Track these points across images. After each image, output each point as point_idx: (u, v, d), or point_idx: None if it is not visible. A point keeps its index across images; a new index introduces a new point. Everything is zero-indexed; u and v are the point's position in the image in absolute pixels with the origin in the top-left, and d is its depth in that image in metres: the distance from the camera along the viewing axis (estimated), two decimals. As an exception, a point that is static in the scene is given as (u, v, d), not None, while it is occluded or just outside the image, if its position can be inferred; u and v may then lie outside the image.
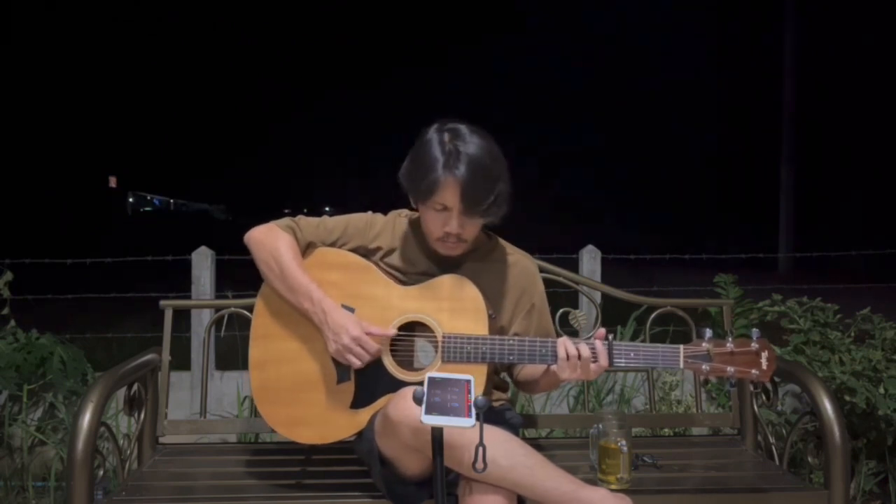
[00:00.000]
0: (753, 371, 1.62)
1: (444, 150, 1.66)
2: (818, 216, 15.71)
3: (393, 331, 1.71)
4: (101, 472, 1.80)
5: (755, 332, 1.65)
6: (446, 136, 1.68)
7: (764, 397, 2.10)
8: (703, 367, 1.63)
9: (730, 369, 1.62)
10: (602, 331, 1.65)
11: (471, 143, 1.67)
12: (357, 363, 1.69)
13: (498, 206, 1.70)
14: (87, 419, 1.69)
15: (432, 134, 1.71)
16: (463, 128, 1.71)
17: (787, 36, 14.51)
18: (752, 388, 2.14)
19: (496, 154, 1.71)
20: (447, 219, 1.70)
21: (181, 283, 3.46)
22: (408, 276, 1.83)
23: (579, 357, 1.61)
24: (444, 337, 1.69)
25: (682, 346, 1.65)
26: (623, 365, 1.65)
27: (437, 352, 1.71)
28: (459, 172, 1.64)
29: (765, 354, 1.63)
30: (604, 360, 1.62)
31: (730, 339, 1.65)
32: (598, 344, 1.63)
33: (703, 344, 1.64)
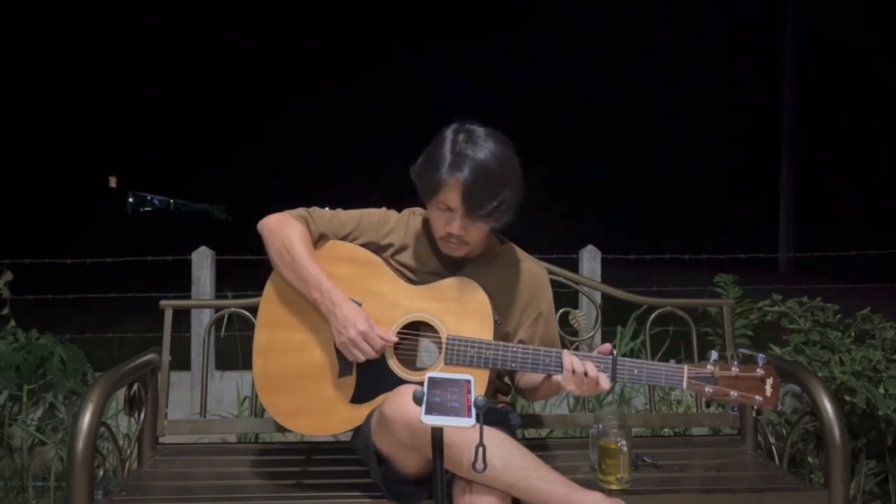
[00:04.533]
0: (757, 397, 1.62)
1: (453, 151, 1.67)
2: (818, 216, 15.71)
3: (395, 338, 1.72)
4: (101, 472, 1.80)
5: (761, 357, 1.65)
6: (460, 137, 1.69)
7: (764, 397, 2.10)
8: (707, 389, 1.62)
9: (733, 394, 1.62)
10: (607, 346, 1.66)
11: (483, 146, 1.67)
12: (361, 358, 1.69)
13: (502, 213, 1.69)
14: (87, 419, 1.69)
15: (447, 134, 1.71)
16: (479, 130, 1.71)
17: (787, 36, 14.50)
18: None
19: (507, 161, 1.70)
20: (450, 219, 1.70)
21: (181, 283, 3.46)
22: (417, 274, 1.83)
23: (586, 374, 1.61)
24: (448, 339, 1.69)
25: (686, 367, 1.65)
26: (627, 380, 1.66)
27: (440, 353, 1.71)
28: (463, 174, 1.64)
29: (770, 381, 1.62)
30: (607, 378, 1.62)
31: (735, 362, 1.64)
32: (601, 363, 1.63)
33: (709, 366, 1.63)
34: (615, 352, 1.65)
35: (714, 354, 1.65)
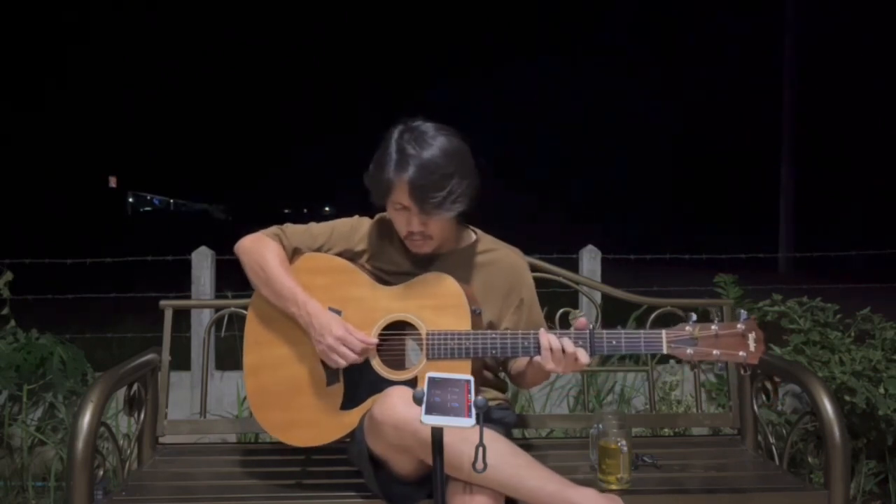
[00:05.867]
0: (740, 353, 1.59)
1: (397, 150, 1.69)
2: (818, 216, 15.72)
3: (375, 339, 1.72)
4: (101, 472, 1.80)
5: (742, 313, 1.63)
6: (404, 137, 1.70)
7: (764, 397, 2.10)
8: (688, 350, 1.60)
9: (715, 352, 1.59)
10: (583, 320, 1.64)
11: (427, 142, 1.68)
12: (342, 363, 1.69)
13: (454, 202, 1.69)
14: (87, 419, 1.69)
15: (392, 134, 1.73)
16: (423, 126, 1.72)
17: (787, 36, 14.50)
18: (751, 387, 2.14)
19: (453, 151, 1.70)
20: (408, 218, 1.72)
21: (181, 283, 3.46)
22: (393, 276, 1.84)
23: (563, 351, 1.60)
24: (427, 334, 1.70)
25: (664, 331, 1.62)
26: (606, 352, 1.64)
27: (422, 350, 1.71)
28: (407, 172, 1.66)
29: (752, 336, 1.59)
30: (585, 353, 1.59)
31: (716, 321, 1.63)
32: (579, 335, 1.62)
33: (687, 328, 1.61)
34: (591, 326, 1.63)
35: (693, 316, 1.63)
